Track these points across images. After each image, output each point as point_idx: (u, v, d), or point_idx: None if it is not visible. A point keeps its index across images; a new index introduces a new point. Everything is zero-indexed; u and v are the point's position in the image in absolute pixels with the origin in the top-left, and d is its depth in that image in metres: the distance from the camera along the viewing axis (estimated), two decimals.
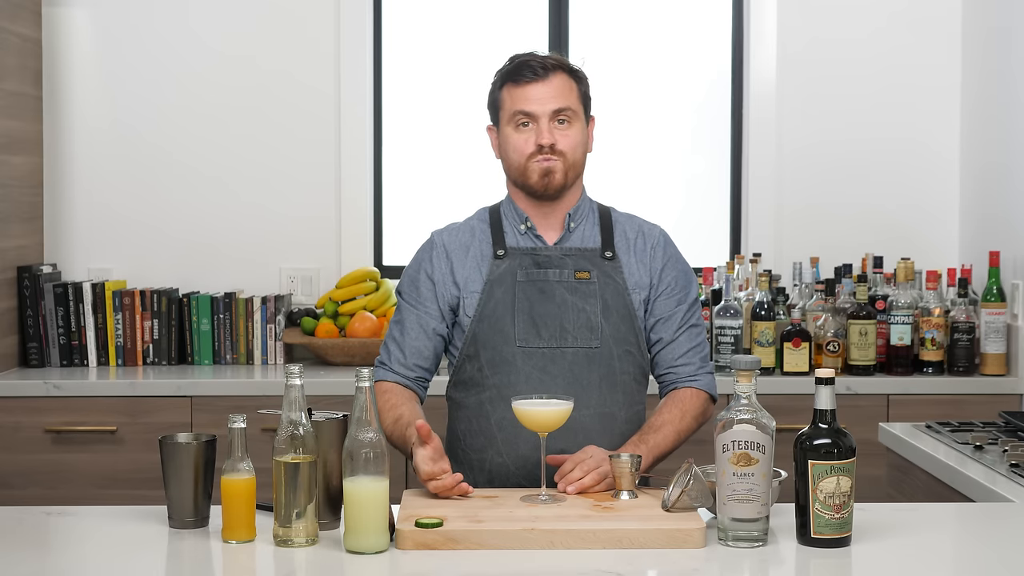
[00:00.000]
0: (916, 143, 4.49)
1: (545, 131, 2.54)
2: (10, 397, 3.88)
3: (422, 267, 2.64)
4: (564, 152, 2.56)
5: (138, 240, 4.45)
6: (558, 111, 2.55)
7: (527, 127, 2.56)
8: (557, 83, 2.56)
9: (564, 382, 2.53)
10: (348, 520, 2.09)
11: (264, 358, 4.25)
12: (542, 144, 2.54)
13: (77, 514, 2.35)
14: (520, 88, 2.56)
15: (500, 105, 2.61)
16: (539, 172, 2.56)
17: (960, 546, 2.27)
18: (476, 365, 2.57)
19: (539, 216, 2.63)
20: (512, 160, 2.60)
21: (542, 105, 2.54)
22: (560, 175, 2.57)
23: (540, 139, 2.54)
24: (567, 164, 2.57)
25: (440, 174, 4.63)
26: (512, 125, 2.58)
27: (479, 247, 2.62)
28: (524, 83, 2.56)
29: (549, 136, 2.54)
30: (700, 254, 4.37)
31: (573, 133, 2.57)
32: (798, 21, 4.47)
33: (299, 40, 4.45)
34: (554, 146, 2.54)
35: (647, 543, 2.09)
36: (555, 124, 2.55)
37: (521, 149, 2.57)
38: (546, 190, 2.58)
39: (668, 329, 2.62)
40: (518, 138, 2.57)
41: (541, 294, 2.56)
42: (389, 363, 2.62)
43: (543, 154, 2.55)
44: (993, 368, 4.00)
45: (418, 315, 2.61)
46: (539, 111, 2.54)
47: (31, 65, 4.30)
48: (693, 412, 2.59)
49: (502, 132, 2.61)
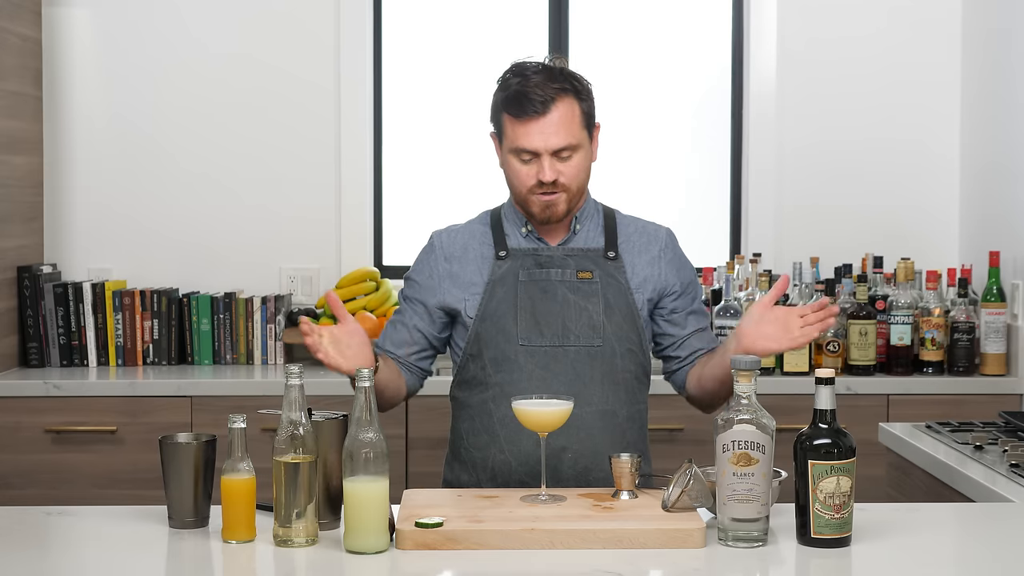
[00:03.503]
0: (916, 143, 4.49)
1: (547, 169, 2.50)
2: (10, 397, 3.88)
3: (420, 267, 2.67)
4: (566, 184, 2.53)
5: (138, 240, 4.45)
6: (560, 150, 2.51)
7: (528, 162, 2.53)
8: (559, 115, 2.49)
9: (566, 380, 2.53)
10: (348, 520, 2.09)
11: (264, 358, 4.25)
12: (543, 180, 2.52)
13: (77, 514, 2.35)
14: (521, 125, 2.50)
15: (502, 129, 2.56)
16: (540, 206, 2.55)
17: (960, 546, 2.27)
18: (479, 364, 2.57)
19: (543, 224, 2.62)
20: (514, 187, 2.58)
21: (544, 142, 2.49)
22: (563, 206, 2.56)
23: (542, 176, 2.51)
24: (570, 195, 2.56)
25: (440, 174, 4.63)
26: (514, 156, 2.54)
27: (480, 249, 2.63)
28: (525, 120, 2.50)
29: (551, 174, 2.51)
30: (700, 254, 4.36)
31: (576, 163, 2.53)
32: (798, 21, 4.47)
33: (299, 40, 4.45)
34: (556, 181, 2.52)
35: (647, 543, 2.09)
36: (557, 159, 2.52)
37: (524, 181, 2.54)
38: (548, 220, 2.58)
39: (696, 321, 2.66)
40: (520, 169, 2.54)
41: (543, 293, 2.57)
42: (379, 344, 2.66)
43: (544, 188, 2.53)
44: (993, 368, 4.00)
45: (411, 313, 2.65)
46: (541, 148, 2.50)
47: (31, 65, 4.30)
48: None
49: (504, 156, 2.58)
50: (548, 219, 2.57)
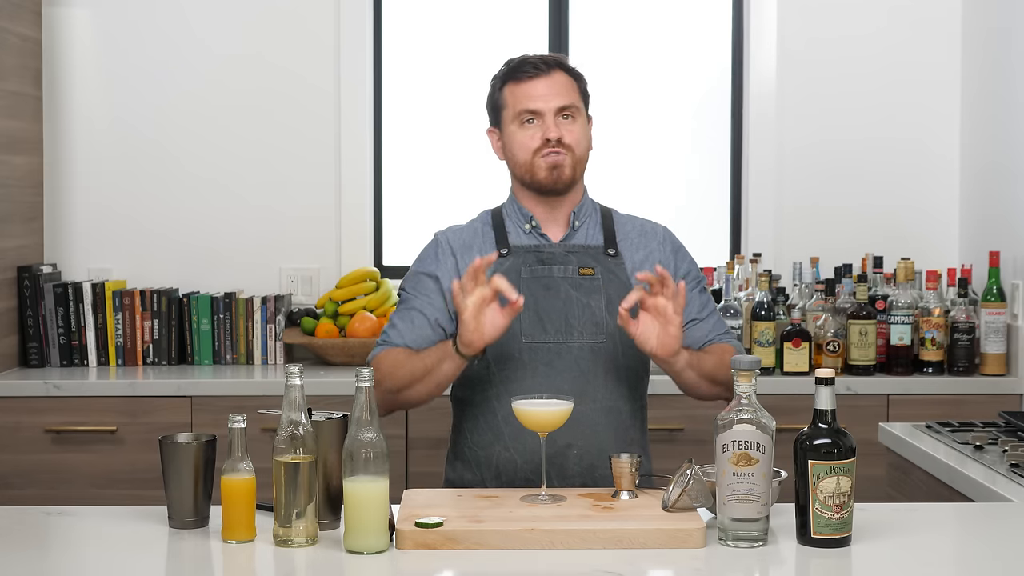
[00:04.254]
0: (916, 143, 4.49)
1: (551, 126, 2.56)
2: (10, 397, 3.88)
3: (427, 263, 2.65)
4: (571, 146, 2.57)
5: (138, 240, 4.45)
6: (562, 108, 2.57)
7: (532, 123, 2.57)
8: (559, 79, 2.59)
9: (570, 377, 2.53)
10: (348, 520, 2.09)
11: (264, 358, 4.25)
12: (549, 138, 2.55)
13: (77, 514, 2.35)
14: (522, 85, 2.58)
15: (502, 105, 2.62)
16: (547, 166, 2.57)
17: (960, 546, 2.27)
18: (482, 362, 2.56)
19: (544, 214, 2.64)
20: (518, 157, 2.60)
21: (547, 102, 2.56)
22: (568, 169, 2.58)
23: (547, 133, 2.55)
24: (575, 158, 2.59)
25: (440, 174, 4.63)
26: (517, 123, 2.59)
27: (482, 247, 2.63)
28: (526, 79, 2.58)
29: (556, 130, 2.56)
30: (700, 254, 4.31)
31: (578, 128, 2.59)
32: (798, 21, 4.47)
33: (299, 40, 4.45)
34: (561, 139, 2.56)
35: (647, 543, 2.09)
36: (560, 119, 2.57)
37: (527, 145, 2.58)
38: (555, 184, 2.59)
39: (693, 309, 2.65)
40: (524, 135, 2.58)
41: (546, 290, 2.57)
42: (390, 341, 2.59)
43: (551, 147, 2.56)
44: (993, 368, 4.00)
45: (421, 304, 2.60)
46: (544, 107, 2.56)
47: (31, 65, 4.30)
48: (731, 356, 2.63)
49: (506, 131, 2.62)
50: (556, 181, 2.58)
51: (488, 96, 2.66)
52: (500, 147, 2.66)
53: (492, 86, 2.66)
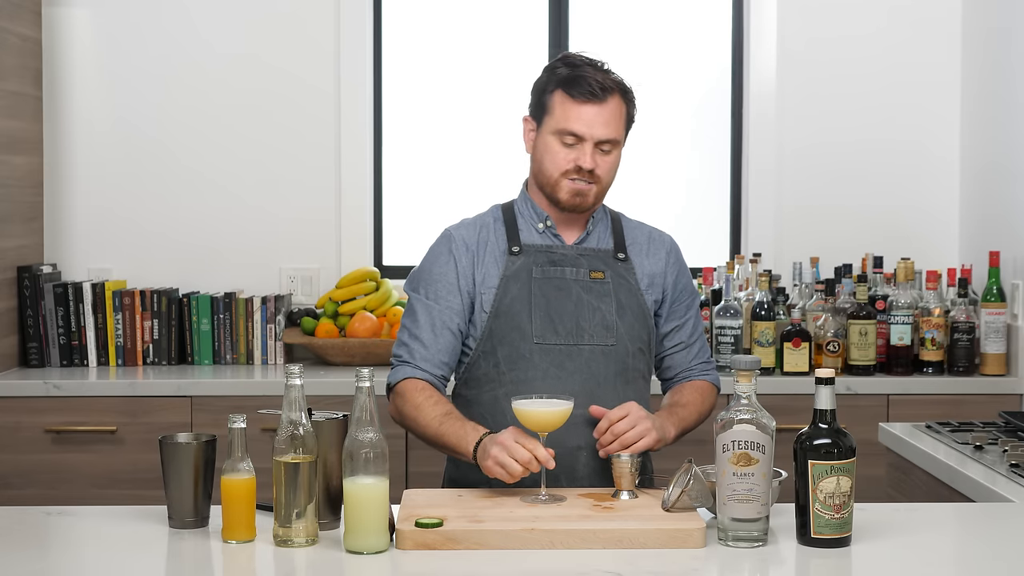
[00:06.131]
0: (916, 143, 4.49)
1: (588, 156, 2.52)
2: (10, 397, 3.87)
3: (441, 261, 2.60)
4: (600, 177, 2.55)
5: (138, 240, 4.45)
6: (605, 141, 2.53)
7: (571, 145, 2.53)
8: (611, 108, 2.53)
9: (581, 378, 2.53)
10: (348, 520, 2.09)
11: (264, 358, 4.25)
12: (582, 167, 2.53)
13: (77, 514, 2.35)
14: (575, 105, 2.52)
15: (548, 108, 2.56)
16: (571, 192, 2.55)
17: (960, 546, 2.27)
18: (492, 361, 2.55)
19: (559, 217, 2.63)
20: (547, 170, 2.57)
21: (592, 129, 2.51)
22: (592, 198, 2.57)
23: (582, 162, 2.52)
24: (600, 189, 2.58)
25: (440, 174, 4.63)
26: (556, 137, 2.54)
27: (495, 243, 2.61)
28: (581, 101, 2.52)
29: (591, 162, 2.52)
30: (700, 254, 4.38)
31: (612, 159, 2.56)
32: (798, 21, 4.47)
33: (299, 40, 4.45)
34: (593, 171, 2.54)
35: (647, 543, 2.09)
36: (599, 150, 2.54)
37: (560, 164, 2.54)
38: (575, 209, 2.58)
39: (684, 333, 2.69)
40: (559, 153, 2.54)
41: (558, 291, 2.56)
42: (414, 360, 2.56)
43: (580, 174, 2.54)
44: (993, 368, 4.00)
45: (440, 311, 2.57)
46: (587, 134, 2.52)
47: (31, 65, 4.30)
48: (711, 399, 2.70)
49: (542, 137, 2.57)
50: (575, 207, 2.57)
51: (537, 85, 2.60)
52: (531, 142, 2.62)
53: (545, 79, 2.58)
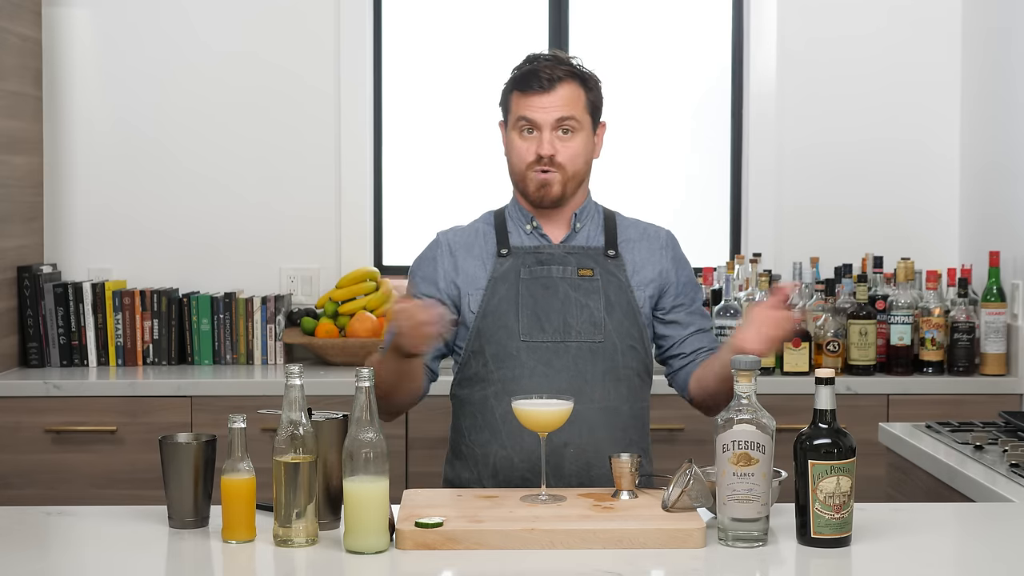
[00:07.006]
0: (916, 143, 4.49)
1: (546, 141, 2.55)
2: (10, 397, 3.88)
3: (425, 264, 2.66)
4: (563, 164, 2.57)
5: (138, 240, 4.45)
6: (561, 120, 2.55)
7: (531, 134, 2.57)
8: (563, 94, 2.56)
9: (568, 376, 2.54)
10: (348, 520, 2.09)
11: (264, 358, 4.25)
12: (541, 155, 2.55)
13: (77, 514, 2.35)
14: (526, 97, 2.57)
15: (509, 108, 2.63)
16: (536, 183, 2.58)
17: (960, 546, 2.27)
18: (481, 360, 2.58)
19: (544, 217, 2.65)
20: (514, 165, 2.62)
21: (545, 114, 2.55)
22: (557, 187, 2.58)
23: (540, 149, 2.56)
24: (565, 176, 2.58)
25: (440, 174, 4.63)
26: (516, 130, 2.59)
27: (484, 246, 2.64)
28: (530, 93, 2.57)
29: (549, 147, 2.55)
30: (700, 254, 4.37)
31: (575, 144, 2.58)
32: (798, 21, 4.47)
33: (299, 40, 4.45)
34: (553, 157, 2.56)
35: (647, 543, 2.09)
36: (558, 134, 2.56)
37: (522, 156, 2.59)
38: (542, 201, 2.60)
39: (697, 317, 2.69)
40: (520, 144, 2.59)
41: (545, 290, 2.58)
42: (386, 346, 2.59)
43: (541, 164, 2.56)
44: (993, 368, 4.00)
45: None
46: (542, 120, 2.56)
47: (31, 65, 4.30)
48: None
49: (508, 136, 2.63)
50: (542, 199, 2.59)
51: (502, 91, 2.66)
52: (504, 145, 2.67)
53: (506, 83, 2.65)
